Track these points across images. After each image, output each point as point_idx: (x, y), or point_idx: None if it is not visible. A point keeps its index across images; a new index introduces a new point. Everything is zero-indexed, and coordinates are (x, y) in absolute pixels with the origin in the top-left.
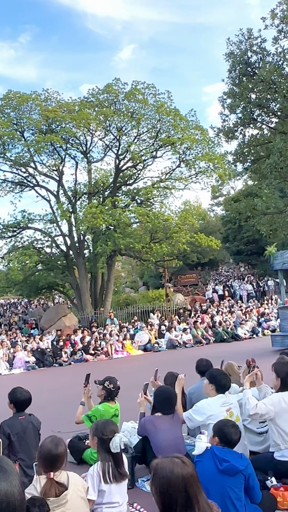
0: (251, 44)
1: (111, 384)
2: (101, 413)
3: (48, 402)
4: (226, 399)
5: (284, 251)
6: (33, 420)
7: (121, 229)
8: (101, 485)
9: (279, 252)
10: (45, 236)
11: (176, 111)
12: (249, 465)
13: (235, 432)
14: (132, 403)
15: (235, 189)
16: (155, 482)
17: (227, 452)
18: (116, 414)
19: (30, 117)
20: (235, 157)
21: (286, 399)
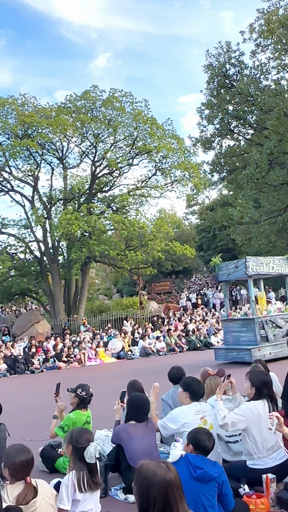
0: (229, 57)
1: (84, 392)
2: (73, 421)
3: (19, 410)
4: (200, 407)
5: (229, 262)
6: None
7: (96, 236)
8: (76, 494)
9: (224, 263)
10: (19, 242)
11: (153, 120)
12: (223, 473)
13: (209, 439)
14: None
15: (210, 198)
16: (137, 482)
17: (201, 460)
18: (88, 421)
19: (6, 121)
20: (212, 167)
21: (258, 407)
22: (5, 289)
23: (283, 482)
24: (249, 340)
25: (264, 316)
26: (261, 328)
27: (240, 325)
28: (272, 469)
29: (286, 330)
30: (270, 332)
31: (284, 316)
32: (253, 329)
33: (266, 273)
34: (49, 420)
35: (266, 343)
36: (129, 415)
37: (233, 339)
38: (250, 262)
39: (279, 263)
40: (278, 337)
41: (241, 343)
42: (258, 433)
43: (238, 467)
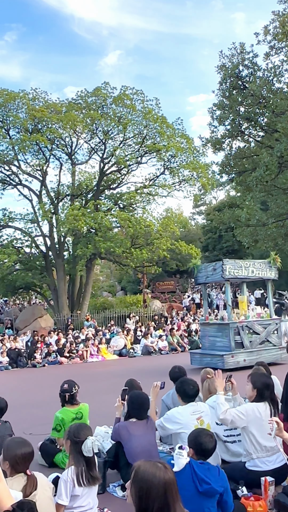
0: (243, 58)
1: (65, 390)
2: (60, 418)
3: (20, 404)
4: (197, 407)
5: (208, 265)
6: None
7: (102, 232)
8: (75, 490)
9: (203, 265)
10: (25, 236)
11: (163, 119)
12: (226, 481)
13: (210, 441)
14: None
15: (217, 199)
16: (135, 484)
17: (206, 470)
18: (78, 417)
19: (16, 115)
20: (221, 168)
21: (260, 410)
22: (10, 282)
23: (282, 486)
24: (224, 345)
25: (241, 321)
26: (237, 333)
27: (216, 329)
28: (271, 472)
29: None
30: (246, 338)
31: (263, 322)
32: (227, 335)
33: (245, 276)
34: (49, 415)
35: (241, 350)
36: (130, 412)
37: (209, 343)
38: (228, 265)
39: (260, 266)
40: (254, 344)
41: (217, 348)
42: (259, 434)
43: (237, 469)
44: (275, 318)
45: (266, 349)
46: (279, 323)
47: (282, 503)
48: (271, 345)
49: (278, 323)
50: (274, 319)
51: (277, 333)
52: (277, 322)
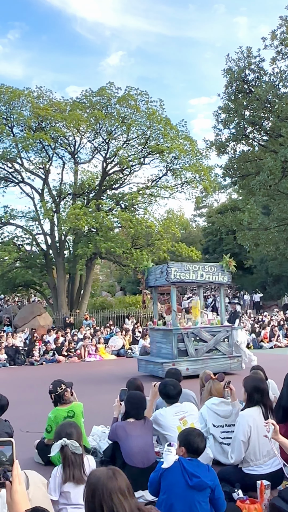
0: (249, 63)
1: (53, 390)
2: (52, 419)
3: (17, 401)
4: (181, 407)
5: (157, 267)
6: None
7: (103, 232)
8: (64, 486)
9: (153, 267)
10: (26, 234)
11: (167, 120)
12: (215, 479)
13: (201, 440)
14: (102, 407)
15: (219, 202)
16: (85, 487)
17: (195, 466)
18: (70, 416)
19: (20, 113)
20: (225, 171)
21: (254, 415)
22: (10, 280)
23: (277, 489)
24: (168, 353)
25: (186, 327)
26: (181, 341)
27: (161, 335)
28: (267, 475)
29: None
30: (191, 346)
31: (212, 329)
32: (171, 341)
33: (192, 280)
34: (46, 413)
35: (184, 358)
36: (127, 412)
37: (156, 350)
38: (173, 268)
39: (211, 270)
40: (200, 352)
41: (161, 355)
42: (256, 440)
43: (232, 472)
44: (226, 325)
45: (214, 358)
46: (230, 330)
47: (277, 507)
48: (220, 354)
49: (230, 331)
50: (224, 326)
51: (227, 341)
52: (228, 329)
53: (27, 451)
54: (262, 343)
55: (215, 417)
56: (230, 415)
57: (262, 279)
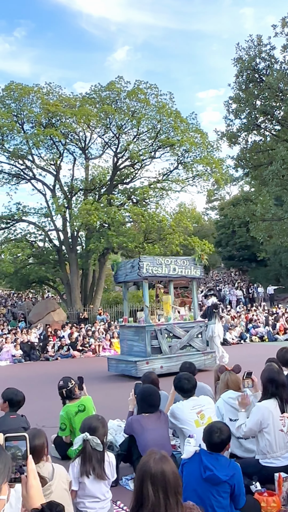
0: (260, 51)
1: (62, 387)
2: (64, 416)
3: (34, 396)
4: (197, 401)
5: (127, 261)
6: (25, 422)
7: (115, 227)
8: (81, 477)
9: (123, 262)
10: (39, 230)
11: (177, 113)
12: (236, 474)
13: (219, 436)
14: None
15: (231, 194)
16: (136, 473)
17: (214, 459)
18: (81, 410)
19: (31, 109)
20: (237, 162)
21: (269, 407)
22: (23, 276)
23: None
24: (140, 350)
25: (159, 324)
26: (155, 338)
27: (133, 333)
28: (285, 468)
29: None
30: (165, 343)
31: (186, 325)
32: (144, 339)
33: (165, 275)
34: (61, 407)
35: (158, 355)
36: (139, 407)
37: (127, 348)
38: (145, 262)
39: (184, 264)
40: (174, 349)
41: (134, 353)
42: (272, 433)
43: (250, 464)
44: (199, 321)
45: (188, 355)
46: (204, 326)
47: None
48: (194, 350)
49: (203, 326)
50: (198, 322)
51: (201, 337)
52: (201, 325)
53: None
54: (277, 336)
55: (232, 411)
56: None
57: (275, 271)
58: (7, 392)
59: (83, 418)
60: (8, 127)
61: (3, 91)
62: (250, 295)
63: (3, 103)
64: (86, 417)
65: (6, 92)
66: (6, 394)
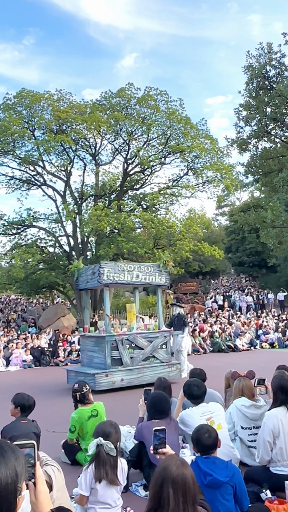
0: (270, 59)
1: (76, 390)
2: (75, 419)
3: (43, 402)
4: (207, 408)
5: (88, 268)
6: (35, 427)
7: (125, 233)
8: (94, 483)
9: (84, 268)
10: (49, 236)
11: (187, 119)
12: (235, 474)
13: (209, 436)
14: (127, 406)
15: (241, 200)
16: (153, 476)
17: (211, 463)
18: (94, 415)
19: (42, 116)
20: (247, 168)
21: (279, 415)
22: (34, 281)
23: None
24: (100, 362)
25: (120, 334)
26: (116, 348)
27: (93, 343)
28: None
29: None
30: (126, 354)
31: (149, 335)
32: (104, 350)
33: (127, 282)
34: (71, 413)
35: (119, 367)
36: (149, 413)
37: (87, 359)
38: (106, 268)
39: (148, 270)
40: (136, 361)
41: (94, 365)
42: (283, 440)
43: (260, 472)
44: (163, 330)
45: (151, 367)
46: (168, 336)
47: None
48: (158, 361)
49: (168, 336)
50: (162, 332)
51: (165, 347)
52: (166, 335)
53: (53, 451)
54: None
55: (244, 419)
56: (259, 419)
57: (286, 277)
58: (18, 397)
59: (95, 423)
60: (20, 134)
61: (14, 98)
62: (260, 301)
63: (14, 110)
64: (99, 422)
65: (17, 99)
66: (17, 399)
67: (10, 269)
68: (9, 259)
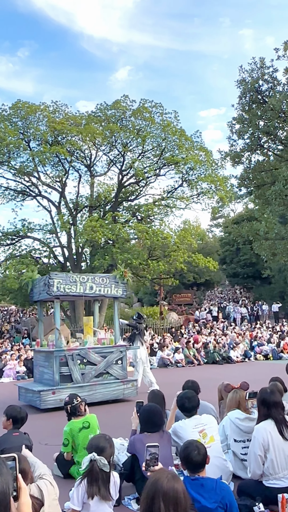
0: (263, 73)
1: (68, 403)
2: (68, 432)
3: (36, 414)
4: (200, 420)
5: (41, 278)
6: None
7: (119, 244)
8: (86, 498)
9: (38, 279)
10: (44, 246)
11: (182, 131)
12: (225, 495)
13: (197, 454)
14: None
15: (235, 212)
16: (144, 490)
17: (199, 487)
18: (85, 426)
19: (37, 127)
20: (240, 181)
21: (267, 428)
22: (27, 292)
23: None
24: (50, 378)
25: (70, 349)
26: (65, 364)
27: (44, 358)
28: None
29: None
30: (76, 370)
31: (103, 350)
32: (53, 365)
33: (80, 294)
34: (64, 425)
35: (68, 384)
36: (141, 425)
37: (39, 375)
38: (56, 279)
39: (103, 282)
40: (87, 377)
41: (44, 381)
42: (273, 453)
43: (253, 485)
44: (119, 345)
45: (104, 383)
46: (124, 350)
47: None
48: (112, 378)
49: (124, 351)
50: (118, 346)
51: (121, 363)
52: (122, 349)
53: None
54: (282, 354)
55: (237, 432)
56: (252, 431)
57: (280, 288)
58: (10, 410)
59: (87, 434)
60: (15, 145)
61: (10, 109)
62: (254, 312)
63: (10, 121)
64: (93, 436)
65: (13, 111)
66: (9, 411)
67: (4, 280)
68: (3, 270)
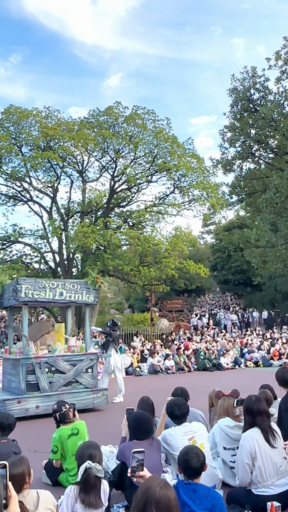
0: (254, 82)
1: (56, 410)
2: (57, 439)
3: (25, 421)
4: (189, 427)
5: (11, 284)
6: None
7: (111, 250)
8: (76, 506)
9: (8, 284)
10: (35, 252)
11: (174, 138)
12: (216, 504)
13: (196, 461)
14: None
15: (227, 219)
16: (135, 498)
17: (191, 492)
18: (74, 433)
19: (29, 132)
20: (231, 189)
21: (254, 436)
22: None
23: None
24: (16, 387)
25: (38, 356)
26: (32, 372)
27: (11, 366)
28: (278, 496)
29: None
30: (43, 379)
31: (72, 358)
32: (19, 373)
33: (49, 300)
34: (53, 432)
35: (35, 393)
36: (131, 433)
37: (6, 383)
38: (24, 285)
39: (74, 288)
40: (55, 386)
41: (11, 390)
42: (261, 461)
43: (243, 493)
44: (90, 353)
45: (73, 393)
46: (95, 359)
47: None
48: (82, 387)
49: (94, 359)
50: (88, 354)
51: (91, 371)
52: (92, 358)
53: (35, 471)
54: (272, 361)
55: (227, 439)
56: None
57: (271, 296)
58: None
59: (76, 441)
60: (7, 150)
61: (2, 114)
62: (245, 319)
63: (1, 126)
64: (81, 445)
65: (5, 116)
66: None
67: None
68: None
